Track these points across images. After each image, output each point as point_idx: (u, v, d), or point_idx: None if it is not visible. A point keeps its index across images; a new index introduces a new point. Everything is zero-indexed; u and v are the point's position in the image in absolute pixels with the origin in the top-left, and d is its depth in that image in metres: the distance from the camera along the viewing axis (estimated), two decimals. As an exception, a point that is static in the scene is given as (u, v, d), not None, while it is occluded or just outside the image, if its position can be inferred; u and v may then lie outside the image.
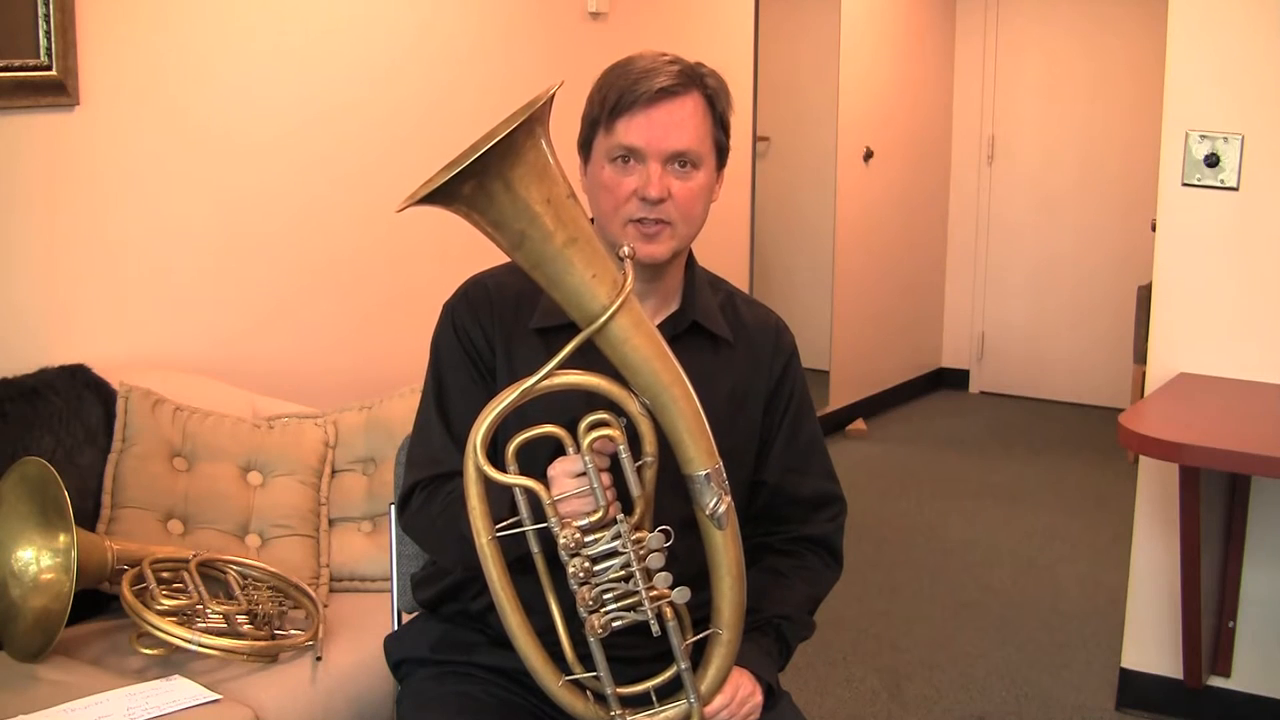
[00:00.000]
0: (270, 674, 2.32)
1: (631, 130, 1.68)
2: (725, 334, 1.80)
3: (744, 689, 1.70)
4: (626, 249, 1.54)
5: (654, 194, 1.67)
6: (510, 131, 1.38)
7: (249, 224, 3.22)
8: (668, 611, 1.58)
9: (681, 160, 1.70)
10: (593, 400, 1.58)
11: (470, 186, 1.40)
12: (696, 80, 1.71)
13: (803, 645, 1.88)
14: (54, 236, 2.80)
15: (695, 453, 1.54)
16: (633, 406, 1.53)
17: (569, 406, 1.60)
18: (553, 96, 1.44)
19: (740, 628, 1.63)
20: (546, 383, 1.50)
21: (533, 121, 1.41)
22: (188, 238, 3.08)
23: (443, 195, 1.40)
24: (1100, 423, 5.76)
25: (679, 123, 1.68)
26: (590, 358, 1.50)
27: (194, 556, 2.45)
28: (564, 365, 1.49)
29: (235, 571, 2.47)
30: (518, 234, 1.45)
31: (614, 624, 1.56)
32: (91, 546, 2.31)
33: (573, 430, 1.55)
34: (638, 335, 1.50)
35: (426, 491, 1.75)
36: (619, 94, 1.68)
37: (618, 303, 1.46)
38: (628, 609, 1.56)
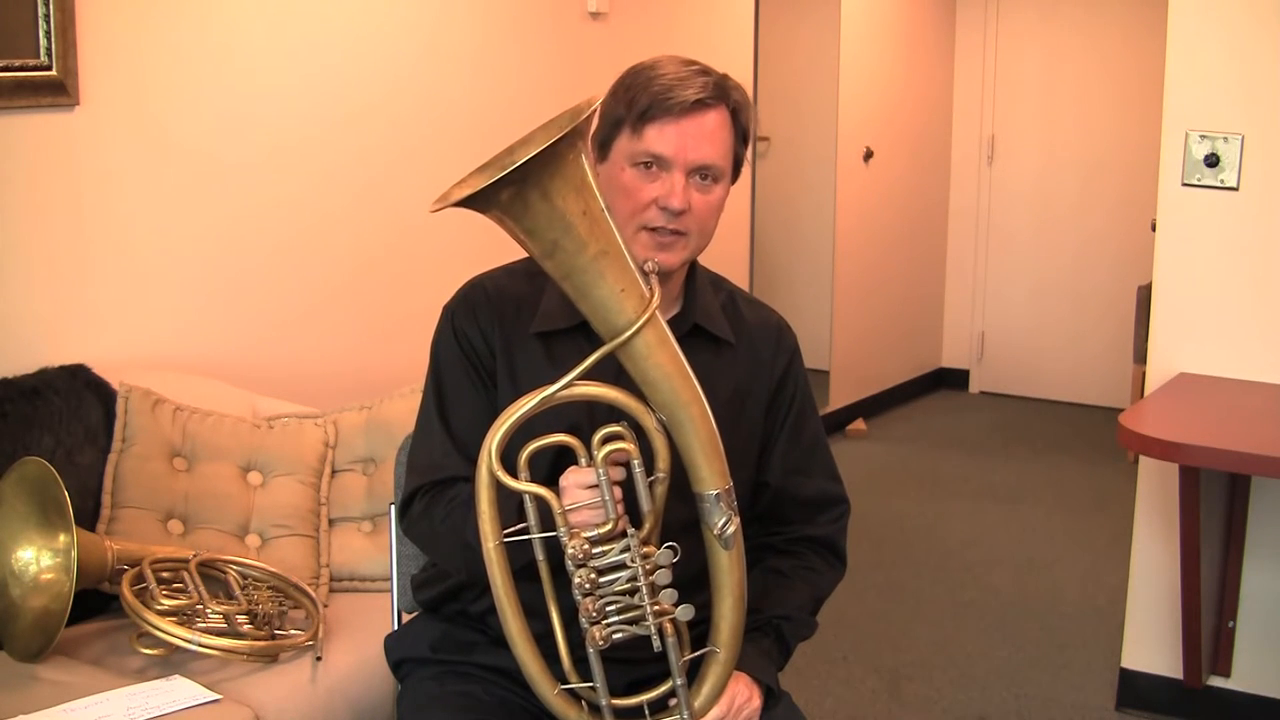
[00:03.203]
0: (270, 674, 2.32)
1: (663, 139, 1.67)
2: (727, 335, 1.80)
3: (740, 696, 1.70)
4: (650, 264, 1.54)
5: (676, 205, 1.67)
6: (554, 142, 1.38)
7: (249, 224, 3.22)
8: (668, 628, 1.58)
9: (704, 173, 1.70)
10: (594, 410, 1.58)
11: (509, 194, 1.40)
12: (725, 94, 1.71)
13: (803, 645, 1.88)
14: (54, 236, 2.80)
15: (708, 472, 1.54)
16: (649, 422, 1.53)
17: (570, 415, 1.60)
18: (596, 109, 1.44)
19: (737, 648, 1.64)
20: (565, 393, 1.50)
21: (575, 134, 1.40)
22: (187, 238, 3.08)
23: (480, 200, 1.40)
24: (1100, 423, 5.76)
25: (708, 135, 1.68)
26: (595, 367, 1.49)
27: (194, 556, 2.45)
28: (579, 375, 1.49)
29: (235, 571, 2.47)
30: (550, 243, 1.45)
31: (615, 636, 1.56)
32: (91, 546, 2.31)
33: (580, 439, 1.55)
34: (661, 352, 1.50)
35: (428, 497, 1.75)
36: (650, 99, 1.66)
37: (644, 318, 1.47)
38: (630, 622, 1.56)
